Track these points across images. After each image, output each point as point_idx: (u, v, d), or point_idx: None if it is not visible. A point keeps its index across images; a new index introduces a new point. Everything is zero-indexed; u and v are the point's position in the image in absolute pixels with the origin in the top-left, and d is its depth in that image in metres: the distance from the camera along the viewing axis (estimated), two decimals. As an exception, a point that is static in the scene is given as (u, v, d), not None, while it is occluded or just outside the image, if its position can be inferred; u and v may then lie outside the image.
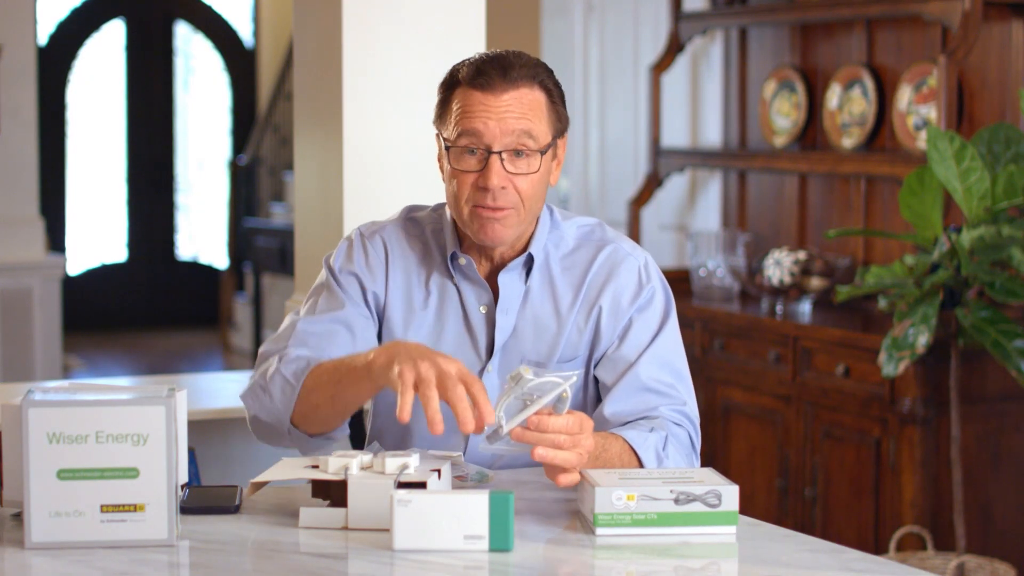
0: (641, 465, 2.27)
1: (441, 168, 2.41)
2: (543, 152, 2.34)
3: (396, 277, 2.45)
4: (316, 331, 2.38)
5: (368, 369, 2.18)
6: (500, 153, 2.31)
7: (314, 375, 2.30)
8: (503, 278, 2.42)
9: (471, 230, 2.37)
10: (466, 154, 2.33)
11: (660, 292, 2.47)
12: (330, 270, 2.47)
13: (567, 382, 2.10)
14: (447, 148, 2.35)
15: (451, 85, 2.37)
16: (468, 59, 2.38)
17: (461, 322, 2.42)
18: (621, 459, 2.26)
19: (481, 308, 2.42)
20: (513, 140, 2.31)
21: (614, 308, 2.43)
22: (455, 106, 2.34)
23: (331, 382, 2.27)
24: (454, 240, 2.43)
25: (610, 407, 2.38)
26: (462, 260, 2.42)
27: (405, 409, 2.04)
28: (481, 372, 2.41)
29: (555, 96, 2.37)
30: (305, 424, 2.33)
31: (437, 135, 2.41)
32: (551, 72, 2.39)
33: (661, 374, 2.40)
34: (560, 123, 2.38)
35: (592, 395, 2.47)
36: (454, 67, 2.39)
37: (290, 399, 2.32)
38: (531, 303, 2.42)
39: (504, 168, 2.32)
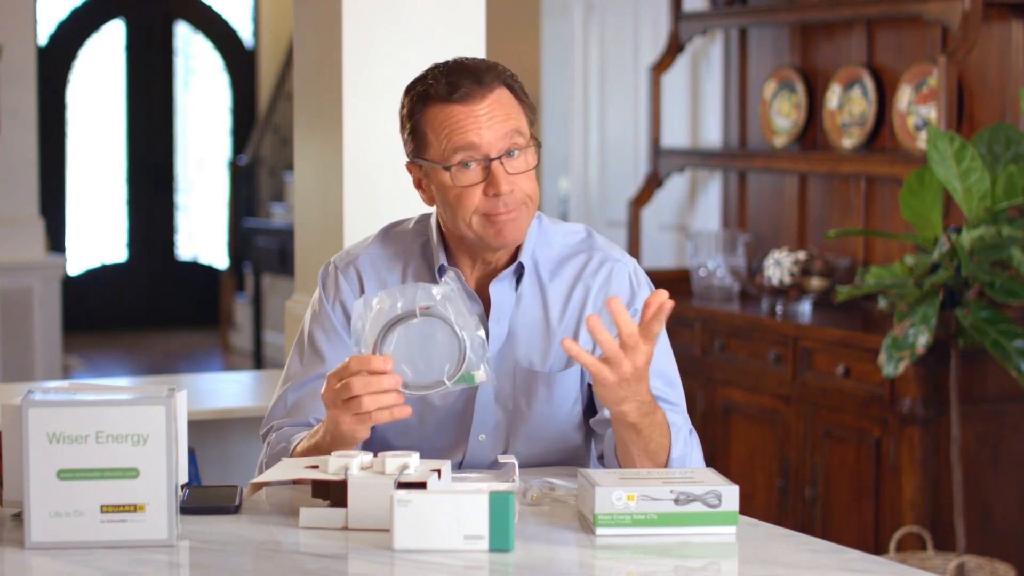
0: (670, 451, 2.29)
1: (424, 191, 2.40)
2: (532, 145, 2.35)
3: None
4: (303, 396, 2.42)
5: (320, 448, 2.24)
6: (500, 159, 2.31)
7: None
8: (495, 287, 2.41)
9: (486, 237, 2.35)
10: (465, 169, 2.32)
11: None
12: (312, 314, 2.47)
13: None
14: (445, 168, 2.33)
15: (420, 109, 2.34)
16: (427, 80, 2.34)
17: None
18: (661, 428, 2.28)
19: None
20: (507, 142, 2.31)
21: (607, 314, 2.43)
22: (436, 124, 2.32)
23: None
24: (441, 252, 2.42)
25: (605, 411, 2.39)
26: (450, 272, 2.39)
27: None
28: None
29: (520, 92, 2.39)
30: None
31: (411, 165, 2.39)
32: (510, 70, 2.41)
33: (655, 382, 2.39)
34: (531, 114, 2.40)
35: (586, 397, 2.47)
36: (415, 92, 2.35)
37: None
38: (522, 310, 2.42)
39: (506, 171, 2.32)
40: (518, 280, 2.43)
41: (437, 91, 2.32)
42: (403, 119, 2.38)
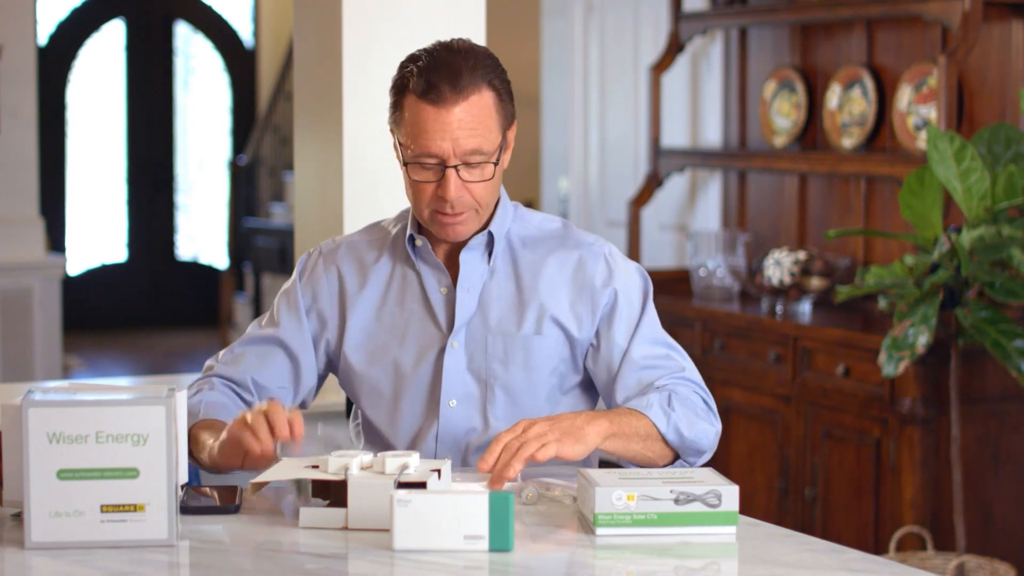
0: (655, 426, 2.35)
1: (396, 157, 2.47)
2: (495, 162, 2.41)
3: (352, 283, 2.55)
4: (250, 352, 2.55)
5: (208, 449, 2.34)
6: (456, 167, 2.38)
7: (195, 428, 2.40)
8: (464, 256, 2.49)
9: (433, 229, 2.47)
10: (422, 168, 2.39)
11: (636, 275, 2.55)
12: (284, 288, 2.61)
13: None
14: (404, 163, 2.42)
15: (401, 90, 2.41)
16: (418, 60, 2.40)
17: (421, 304, 2.51)
18: (639, 419, 2.34)
19: (441, 289, 2.51)
20: (467, 156, 2.38)
21: (587, 292, 2.50)
22: (407, 116, 2.39)
23: (203, 447, 2.37)
24: (414, 224, 2.51)
25: (619, 396, 2.47)
26: (418, 241, 2.50)
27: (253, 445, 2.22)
28: (444, 348, 2.48)
29: (503, 92, 2.42)
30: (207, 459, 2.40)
31: (392, 132, 2.45)
32: (497, 64, 2.43)
33: (653, 350, 2.50)
34: (508, 117, 2.44)
35: (576, 375, 2.54)
36: (404, 68, 2.41)
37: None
38: (496, 281, 2.50)
39: (460, 178, 2.39)
40: (490, 253, 2.50)
41: (415, 85, 2.38)
42: (391, 88, 2.44)
